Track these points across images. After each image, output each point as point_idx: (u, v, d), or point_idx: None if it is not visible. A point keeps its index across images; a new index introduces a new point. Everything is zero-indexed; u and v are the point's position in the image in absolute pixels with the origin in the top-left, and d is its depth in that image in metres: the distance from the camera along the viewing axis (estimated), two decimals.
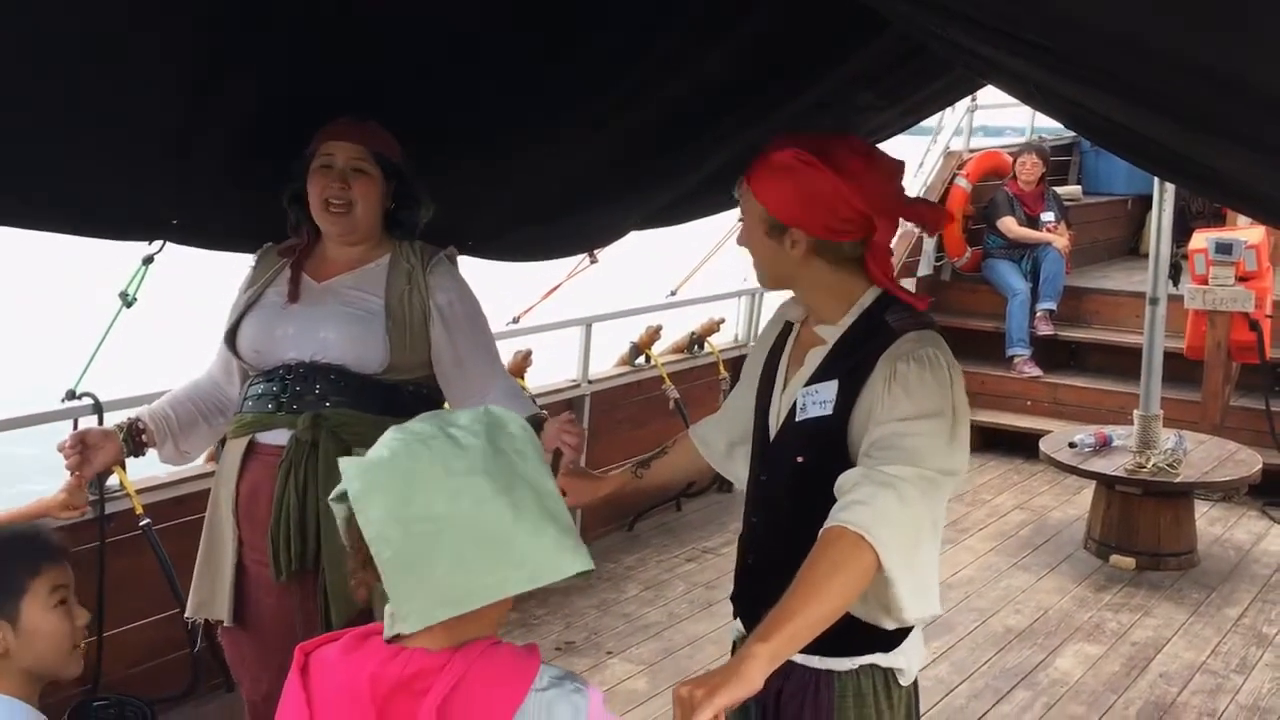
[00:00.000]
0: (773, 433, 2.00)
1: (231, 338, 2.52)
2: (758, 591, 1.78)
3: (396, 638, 1.34)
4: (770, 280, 2.01)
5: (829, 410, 1.88)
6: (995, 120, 9.11)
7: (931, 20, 1.63)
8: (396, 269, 2.50)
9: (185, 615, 2.67)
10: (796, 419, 1.93)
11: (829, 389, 1.89)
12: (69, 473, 2.50)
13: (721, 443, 2.25)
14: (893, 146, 3.52)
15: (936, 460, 1.78)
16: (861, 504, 1.71)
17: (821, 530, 1.72)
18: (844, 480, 1.77)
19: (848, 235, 1.88)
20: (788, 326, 2.09)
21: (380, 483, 1.31)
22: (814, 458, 1.88)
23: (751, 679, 1.54)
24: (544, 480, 1.35)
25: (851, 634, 1.88)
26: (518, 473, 1.32)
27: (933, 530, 1.86)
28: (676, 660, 4.12)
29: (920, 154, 7.82)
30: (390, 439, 1.35)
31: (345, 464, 1.35)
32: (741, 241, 2.02)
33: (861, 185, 1.85)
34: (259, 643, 2.50)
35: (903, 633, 1.94)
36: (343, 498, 1.36)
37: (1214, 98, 1.19)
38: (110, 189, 2.45)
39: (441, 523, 1.27)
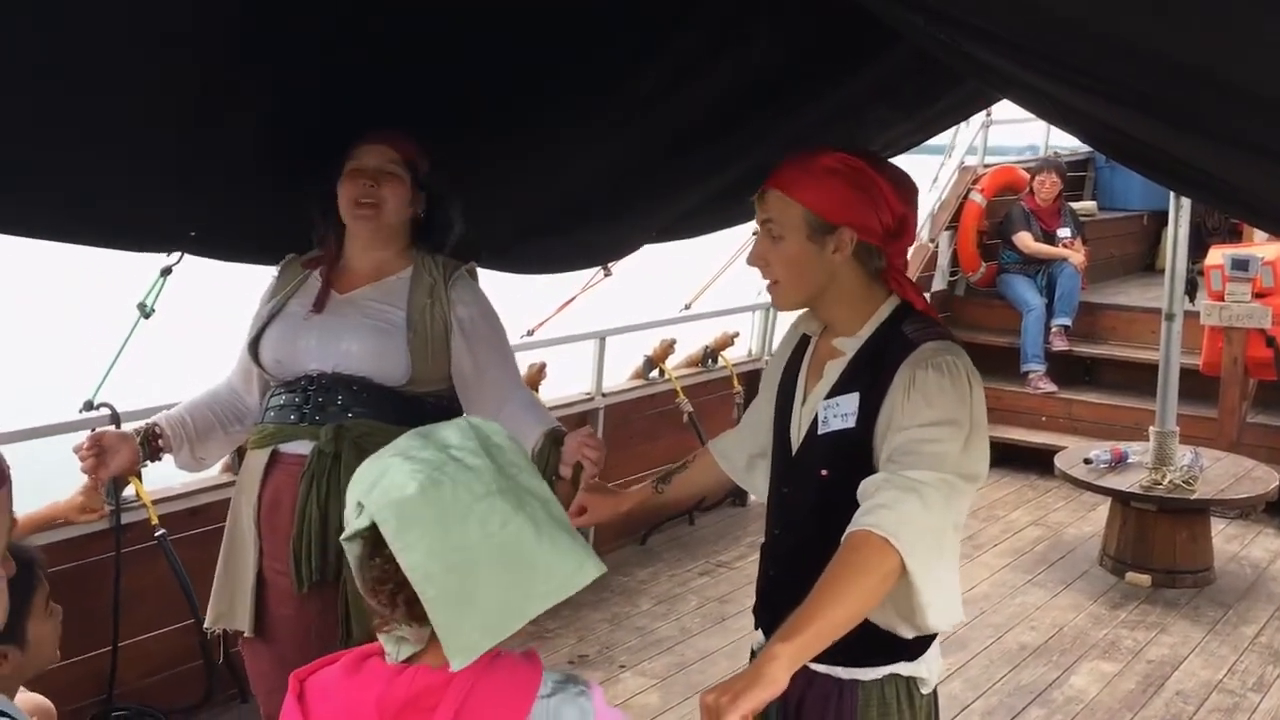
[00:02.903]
0: (795, 446, 2.00)
1: (254, 348, 2.54)
2: (780, 603, 1.77)
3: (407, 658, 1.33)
4: (797, 292, 1.96)
5: (851, 423, 1.89)
6: (1009, 140, 9.11)
7: (945, 33, 1.64)
8: (419, 282, 2.51)
9: (204, 626, 2.67)
10: (819, 432, 1.94)
11: (850, 401, 1.90)
12: (85, 475, 2.51)
13: (742, 457, 2.26)
14: (905, 165, 3.53)
15: (957, 465, 1.79)
16: (885, 508, 1.72)
17: (845, 534, 1.73)
18: (867, 485, 1.78)
19: (883, 240, 1.92)
20: (804, 340, 2.09)
21: (417, 520, 1.27)
22: (838, 471, 1.89)
23: (775, 679, 1.54)
24: (544, 489, 1.34)
25: (876, 644, 1.88)
26: (522, 486, 1.31)
27: (954, 536, 1.86)
28: (689, 674, 4.11)
29: (934, 171, 7.81)
30: (405, 471, 1.30)
31: (372, 504, 1.30)
32: (757, 259, 1.97)
33: (897, 187, 1.91)
34: (277, 654, 2.50)
35: (925, 642, 1.95)
36: (355, 537, 1.32)
37: (1227, 107, 1.19)
38: (127, 201, 2.47)
39: (475, 551, 1.26)
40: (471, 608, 1.25)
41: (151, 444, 2.55)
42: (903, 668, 1.94)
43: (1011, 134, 8.67)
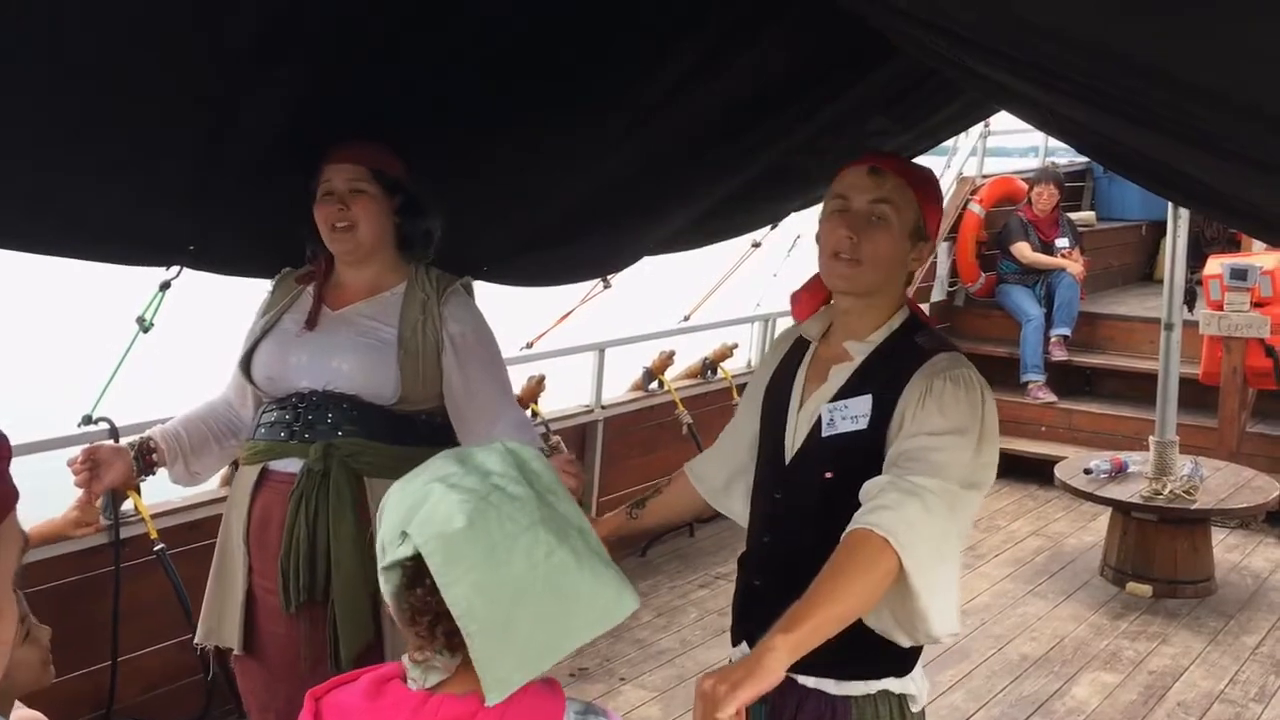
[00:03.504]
0: (790, 450, 1.99)
1: (246, 364, 2.53)
2: (766, 613, 1.77)
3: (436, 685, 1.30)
4: (869, 281, 1.94)
5: (863, 425, 1.89)
6: (1011, 142, 9.12)
7: (942, 45, 1.64)
8: (411, 298, 2.50)
9: (195, 641, 2.66)
10: (823, 434, 1.93)
11: (861, 404, 1.90)
12: (80, 490, 2.50)
13: (719, 477, 2.23)
14: None
15: (961, 474, 1.80)
16: (887, 509, 1.72)
17: (845, 532, 1.73)
18: (869, 487, 1.79)
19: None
20: (797, 347, 2.08)
21: (465, 554, 1.24)
22: (844, 472, 1.88)
23: (773, 671, 1.54)
24: (580, 519, 1.31)
25: (868, 656, 1.88)
26: (560, 514, 1.29)
27: (956, 544, 1.86)
28: (689, 687, 4.09)
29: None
30: (450, 500, 1.25)
31: (416, 534, 1.25)
32: (852, 231, 1.91)
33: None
34: (267, 672, 2.49)
35: (914, 657, 1.95)
36: (395, 566, 1.28)
37: (1222, 118, 1.19)
38: (127, 215, 2.46)
39: (519, 584, 1.23)
40: (512, 641, 1.23)
41: (145, 458, 2.53)
42: (893, 684, 1.93)
43: (1013, 136, 8.70)
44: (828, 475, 1.92)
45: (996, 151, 8.59)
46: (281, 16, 2.03)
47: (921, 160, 3.40)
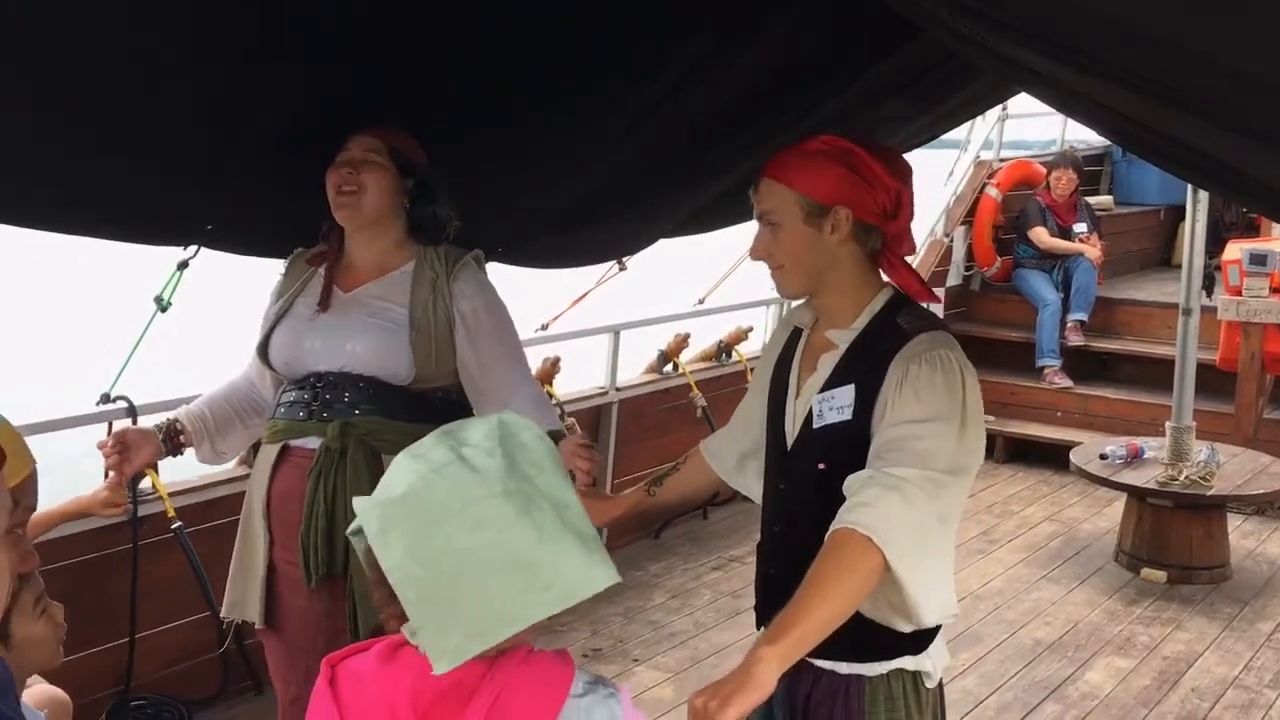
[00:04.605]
0: (790, 440, 2.00)
1: (263, 350, 2.55)
2: (782, 601, 1.78)
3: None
4: (802, 277, 1.96)
5: (848, 415, 1.89)
6: (1031, 135, 9.08)
7: (964, 24, 1.63)
8: (421, 277, 2.50)
9: (220, 615, 2.70)
10: (815, 426, 1.94)
11: (846, 394, 1.90)
12: (109, 472, 2.53)
13: (732, 455, 2.24)
14: (921, 159, 3.52)
15: (944, 461, 1.79)
16: (867, 505, 1.73)
17: (828, 532, 1.74)
18: (851, 482, 1.79)
19: (880, 219, 1.91)
20: (795, 334, 2.09)
21: (398, 521, 1.27)
22: (836, 464, 1.88)
23: (763, 683, 1.55)
24: (563, 492, 1.31)
25: (881, 639, 1.89)
26: (536, 488, 1.28)
27: (941, 530, 1.86)
28: (702, 668, 4.11)
29: (950, 166, 7.78)
30: (404, 470, 1.30)
31: (360, 503, 1.31)
32: (759, 251, 1.97)
33: (887, 164, 1.91)
34: (288, 645, 2.53)
35: (929, 636, 1.95)
36: (361, 532, 1.33)
37: (1248, 99, 1.18)
38: (145, 195, 2.48)
39: (464, 556, 1.24)
40: (455, 612, 1.24)
41: (173, 440, 2.57)
42: (908, 662, 1.94)
43: (1032, 130, 8.65)
44: (820, 466, 1.92)
45: (1016, 144, 8.53)
46: (284, 17, 2.03)
47: (931, 152, 3.38)
